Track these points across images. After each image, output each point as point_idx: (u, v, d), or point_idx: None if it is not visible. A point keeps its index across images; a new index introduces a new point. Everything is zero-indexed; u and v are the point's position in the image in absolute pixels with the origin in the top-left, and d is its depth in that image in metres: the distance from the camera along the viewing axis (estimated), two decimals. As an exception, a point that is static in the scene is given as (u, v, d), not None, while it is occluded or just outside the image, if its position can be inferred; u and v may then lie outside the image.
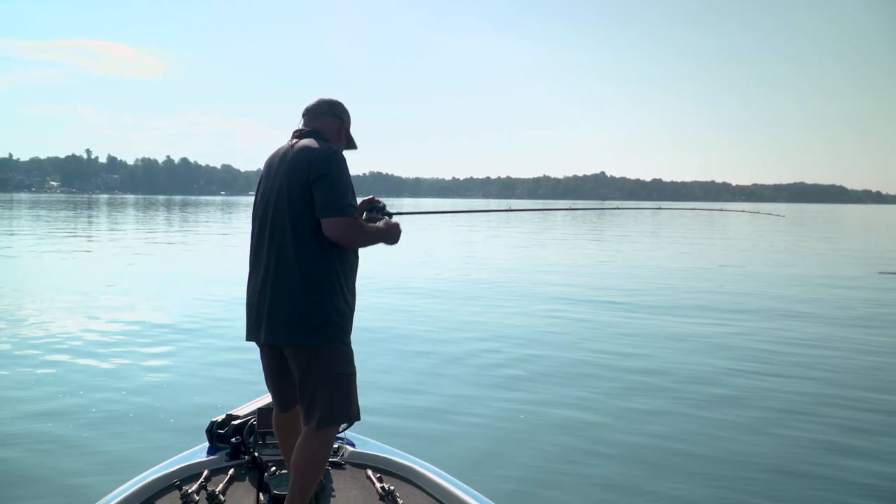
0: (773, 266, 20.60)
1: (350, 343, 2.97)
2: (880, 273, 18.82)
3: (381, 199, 3.29)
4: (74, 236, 30.62)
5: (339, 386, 2.89)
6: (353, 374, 2.97)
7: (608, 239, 34.27)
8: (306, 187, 2.79)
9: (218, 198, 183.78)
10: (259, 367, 3.16)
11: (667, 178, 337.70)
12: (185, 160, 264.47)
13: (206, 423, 3.79)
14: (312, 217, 2.81)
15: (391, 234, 3.08)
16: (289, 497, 2.93)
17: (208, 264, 20.10)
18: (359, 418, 3.05)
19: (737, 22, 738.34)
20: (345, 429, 3.81)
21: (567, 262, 21.24)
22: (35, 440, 5.62)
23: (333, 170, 2.80)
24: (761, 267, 20.27)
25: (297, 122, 3.10)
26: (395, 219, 3.22)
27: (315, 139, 2.94)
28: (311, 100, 3.15)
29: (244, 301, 3.03)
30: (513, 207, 4.75)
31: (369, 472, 3.52)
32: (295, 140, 2.99)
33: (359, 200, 3.07)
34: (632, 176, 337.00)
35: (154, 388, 7.09)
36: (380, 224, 3.08)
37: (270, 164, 2.99)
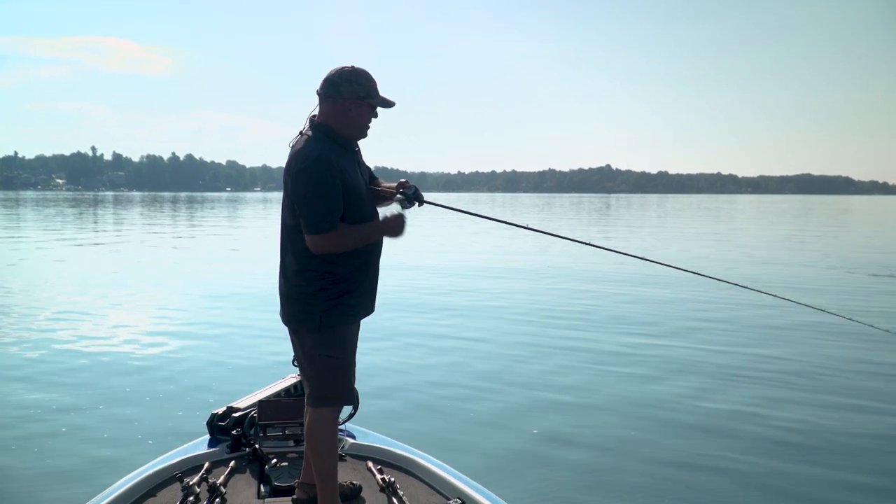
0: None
1: (343, 327, 2.99)
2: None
3: (412, 185, 3.11)
4: (82, 232, 30.72)
5: (322, 367, 2.99)
6: (340, 358, 3.00)
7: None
8: (291, 195, 2.92)
9: (224, 194, 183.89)
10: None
11: (672, 171, 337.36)
12: (190, 156, 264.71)
13: (207, 416, 3.80)
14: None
15: (388, 230, 3.03)
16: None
17: (212, 260, 20.12)
18: (349, 402, 3.12)
19: (741, 13, 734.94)
20: (347, 419, 3.82)
21: (568, 262, 21.22)
22: (37, 434, 5.66)
23: (302, 188, 2.85)
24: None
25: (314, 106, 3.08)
26: (419, 209, 3.18)
27: (311, 137, 2.95)
28: (314, 96, 3.07)
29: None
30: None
31: (370, 464, 3.52)
32: (300, 134, 3.03)
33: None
34: (637, 169, 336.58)
35: (155, 381, 7.12)
36: (379, 221, 3.05)
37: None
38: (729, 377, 7.45)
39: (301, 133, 3.02)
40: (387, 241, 3.10)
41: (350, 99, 2.97)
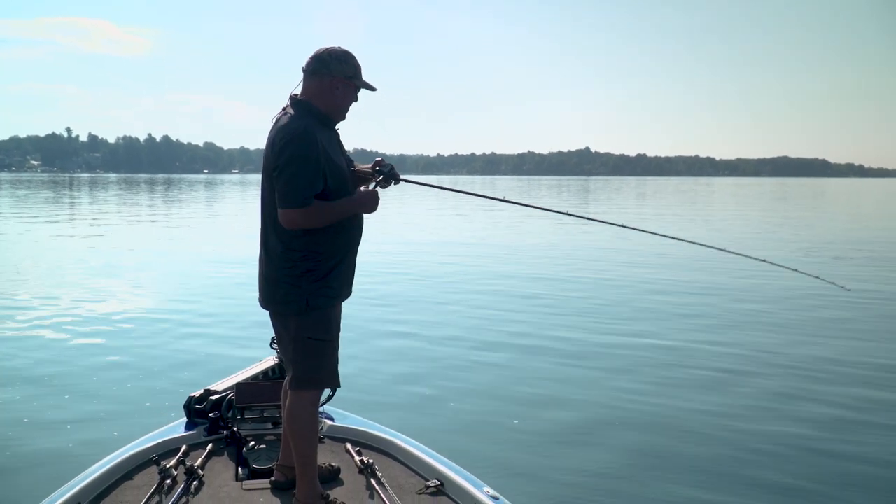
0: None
1: (328, 309, 2.98)
2: None
3: (388, 163, 3.11)
4: (59, 217, 30.32)
5: (307, 350, 2.97)
6: (326, 341, 3.00)
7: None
8: (272, 170, 2.87)
9: (201, 176, 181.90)
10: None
11: (651, 154, 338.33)
12: (167, 138, 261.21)
13: (184, 399, 3.78)
14: None
15: (362, 205, 3.02)
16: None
17: (188, 242, 19.97)
18: (334, 384, 3.10)
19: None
20: (325, 401, 3.81)
21: (544, 243, 21.28)
22: (10, 418, 5.59)
23: (286, 160, 2.80)
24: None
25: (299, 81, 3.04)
26: (400, 190, 3.15)
27: (295, 114, 2.91)
28: (296, 79, 3.05)
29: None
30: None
31: (348, 446, 3.52)
32: (282, 111, 2.98)
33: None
34: (616, 151, 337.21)
35: (131, 364, 7.07)
36: (352, 197, 3.01)
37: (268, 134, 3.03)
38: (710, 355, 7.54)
39: (283, 110, 2.99)
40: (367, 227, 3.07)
41: (338, 77, 2.97)
